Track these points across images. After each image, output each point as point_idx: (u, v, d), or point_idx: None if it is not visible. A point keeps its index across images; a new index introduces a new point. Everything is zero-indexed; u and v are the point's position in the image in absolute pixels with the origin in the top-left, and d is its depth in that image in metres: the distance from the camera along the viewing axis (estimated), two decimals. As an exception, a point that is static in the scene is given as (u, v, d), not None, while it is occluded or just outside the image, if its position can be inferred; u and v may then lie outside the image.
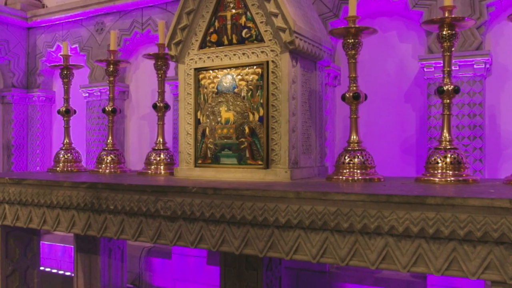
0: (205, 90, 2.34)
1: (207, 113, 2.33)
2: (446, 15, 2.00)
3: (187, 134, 2.39)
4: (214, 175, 2.29)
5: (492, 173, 2.65)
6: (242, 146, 2.23)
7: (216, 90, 2.31)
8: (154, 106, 2.71)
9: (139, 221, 1.98)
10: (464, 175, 1.94)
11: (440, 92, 2.00)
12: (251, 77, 2.22)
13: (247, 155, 2.22)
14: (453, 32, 1.99)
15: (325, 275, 2.99)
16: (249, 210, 1.71)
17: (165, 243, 1.92)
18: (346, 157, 2.13)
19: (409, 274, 2.86)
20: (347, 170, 2.10)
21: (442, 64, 2.04)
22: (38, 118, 4.18)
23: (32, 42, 4.19)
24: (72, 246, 4.00)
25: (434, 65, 2.66)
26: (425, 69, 2.68)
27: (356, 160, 2.10)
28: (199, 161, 2.36)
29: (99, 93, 3.80)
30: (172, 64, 2.95)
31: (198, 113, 2.36)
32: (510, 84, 2.64)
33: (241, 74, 2.24)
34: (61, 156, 2.95)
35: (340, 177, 2.10)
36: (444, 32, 2.00)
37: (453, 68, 2.57)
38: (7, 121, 4.14)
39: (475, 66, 2.57)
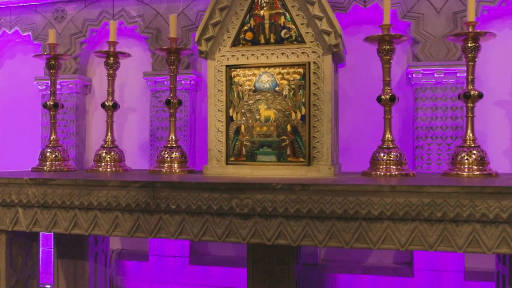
0: (240, 87, 2.34)
1: (243, 110, 2.34)
2: (470, 29, 2.27)
3: (218, 131, 2.37)
4: (251, 172, 2.31)
5: (466, 168, 3.02)
6: (283, 144, 2.29)
7: (253, 88, 2.32)
8: (168, 102, 2.61)
9: (204, 220, 1.94)
10: (488, 169, 2.23)
11: (466, 97, 2.27)
12: (292, 76, 2.28)
13: (288, 152, 2.28)
14: (477, 44, 2.27)
15: (316, 267, 3.14)
16: (339, 204, 1.79)
17: (236, 241, 1.91)
18: (382, 154, 2.30)
19: (393, 261, 3.14)
20: (384, 166, 2.28)
21: (465, 72, 2.31)
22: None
23: (-31, 27, 3.70)
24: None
25: (422, 71, 2.95)
26: (413, 75, 2.97)
27: (392, 156, 2.29)
28: (232, 159, 2.35)
29: (59, 86, 3.50)
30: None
31: (231, 110, 2.36)
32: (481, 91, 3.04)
33: (282, 73, 2.29)
34: (48, 154, 2.70)
35: (378, 172, 2.27)
36: (469, 45, 2.27)
37: (438, 75, 2.93)
38: None
39: (458, 75, 2.91)
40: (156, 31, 3.36)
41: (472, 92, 2.26)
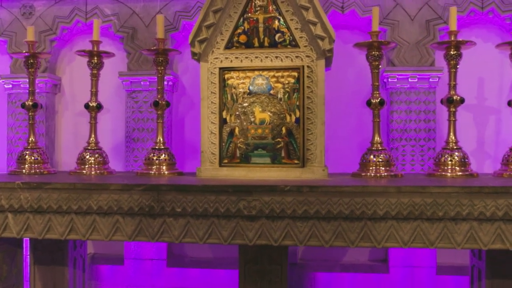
0: (234, 90, 2.36)
1: (237, 113, 2.35)
2: (452, 38, 2.41)
3: (211, 133, 2.37)
4: (245, 174, 2.33)
5: (436, 168, 3.18)
6: (278, 146, 2.32)
7: (248, 91, 2.35)
8: (156, 104, 2.57)
9: (209, 222, 1.94)
10: (469, 170, 2.38)
11: (449, 102, 2.40)
12: (287, 80, 2.33)
13: (283, 154, 2.32)
14: (459, 52, 2.41)
15: (296, 266, 3.20)
16: (346, 205, 1.85)
17: (243, 242, 1.93)
18: (372, 156, 2.39)
19: (368, 259, 3.25)
20: (373, 168, 2.37)
21: (448, 79, 2.45)
22: None
23: None
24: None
25: (397, 76, 3.08)
26: (389, 80, 3.10)
27: (381, 158, 2.38)
28: (225, 161, 2.36)
29: (28, 85, 3.34)
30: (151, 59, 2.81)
31: (224, 113, 2.37)
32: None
33: (276, 76, 2.33)
34: (27, 156, 2.58)
35: (368, 173, 2.35)
36: (451, 52, 2.41)
37: (412, 80, 3.07)
38: None
39: (430, 80, 3.07)
40: (132, 31, 3.30)
41: (454, 97, 2.40)
